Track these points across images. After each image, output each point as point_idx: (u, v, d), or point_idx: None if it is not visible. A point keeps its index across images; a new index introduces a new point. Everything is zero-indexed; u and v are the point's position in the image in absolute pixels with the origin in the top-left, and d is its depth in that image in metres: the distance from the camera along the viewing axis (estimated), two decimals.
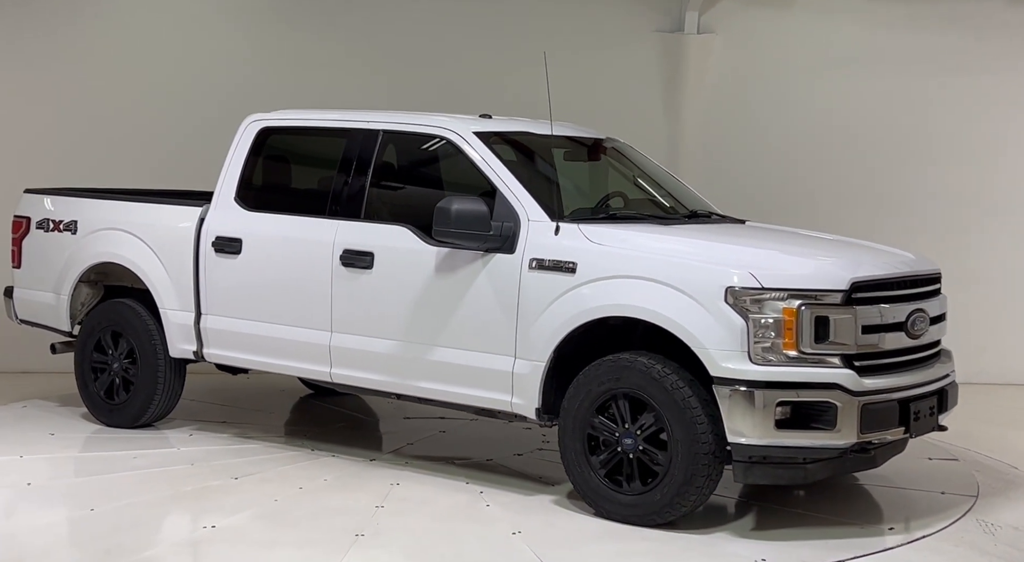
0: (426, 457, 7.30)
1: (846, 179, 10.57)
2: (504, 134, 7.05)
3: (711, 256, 5.99)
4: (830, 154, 10.59)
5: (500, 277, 6.38)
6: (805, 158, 10.60)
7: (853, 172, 10.58)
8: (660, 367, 5.90)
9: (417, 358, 6.66)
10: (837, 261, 6.09)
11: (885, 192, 10.52)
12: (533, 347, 6.26)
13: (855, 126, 10.56)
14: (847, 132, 10.58)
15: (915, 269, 6.34)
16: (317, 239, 6.99)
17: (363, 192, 6.97)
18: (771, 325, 5.67)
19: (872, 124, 10.54)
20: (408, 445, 7.63)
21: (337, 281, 6.90)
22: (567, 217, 6.42)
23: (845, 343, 5.72)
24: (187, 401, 8.41)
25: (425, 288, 6.62)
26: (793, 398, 5.65)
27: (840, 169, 10.59)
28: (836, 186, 10.56)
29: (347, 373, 6.95)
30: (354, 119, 7.21)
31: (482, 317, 6.43)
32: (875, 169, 10.55)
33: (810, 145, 10.59)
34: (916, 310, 6.05)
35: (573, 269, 6.17)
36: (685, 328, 5.81)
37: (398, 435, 7.98)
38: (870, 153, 10.56)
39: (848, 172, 10.59)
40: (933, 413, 6.12)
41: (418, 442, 7.71)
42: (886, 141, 10.53)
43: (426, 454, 7.39)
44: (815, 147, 10.59)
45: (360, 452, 7.27)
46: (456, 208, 6.29)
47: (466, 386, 6.52)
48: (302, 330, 7.05)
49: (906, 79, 10.49)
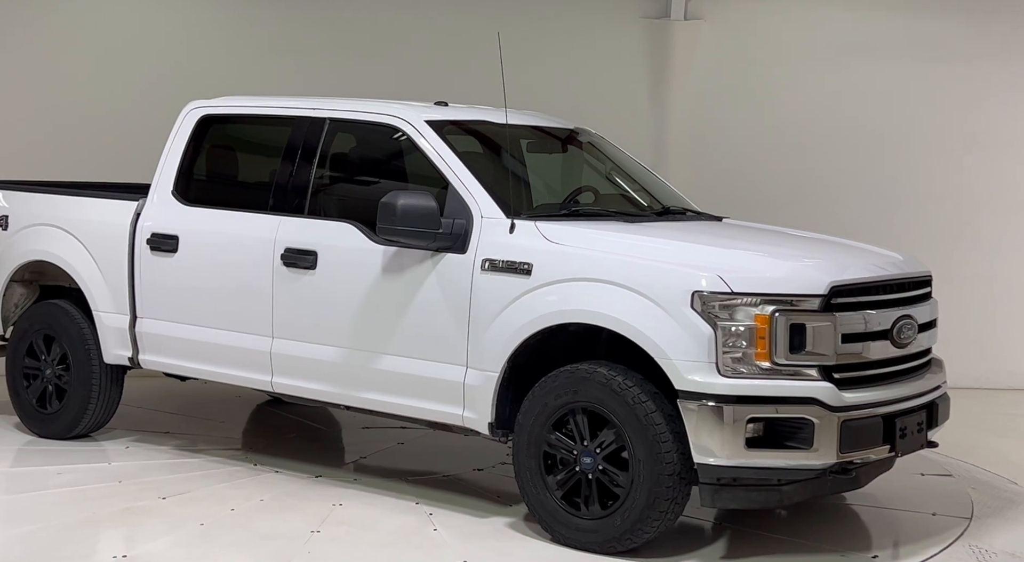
0: (378, 473, 6.77)
1: (840, 174, 10.11)
2: (461, 123, 6.53)
3: (678, 257, 5.45)
4: (823, 147, 10.13)
5: (451, 279, 5.86)
6: (797, 151, 10.12)
7: (848, 166, 10.11)
8: (621, 379, 5.37)
9: (362, 367, 6.14)
10: (815, 263, 5.56)
11: (882, 187, 10.06)
12: (486, 356, 5.74)
13: (850, 118, 10.09)
14: (842, 124, 10.11)
15: (902, 271, 5.80)
16: (257, 236, 6.47)
17: (307, 185, 6.45)
18: (742, 334, 5.15)
19: (868, 115, 10.07)
20: (360, 459, 7.11)
21: (278, 282, 6.38)
22: (524, 214, 5.89)
23: (823, 353, 5.20)
24: (133, 408, 7.94)
25: (371, 290, 6.10)
26: (766, 414, 5.13)
27: (834, 163, 10.12)
28: (830, 181, 10.11)
29: (289, 382, 6.43)
30: (299, 106, 6.68)
31: (431, 323, 5.91)
32: (871, 163, 10.09)
33: (802, 138, 10.12)
34: (903, 316, 5.51)
35: (528, 271, 5.65)
36: (647, 336, 5.28)
37: (352, 448, 7.46)
38: (866, 146, 10.09)
39: (843, 166, 10.12)
40: (922, 429, 5.59)
41: (372, 456, 7.19)
42: (883, 133, 10.05)
43: (379, 469, 6.87)
44: (807, 140, 10.12)
45: (307, 467, 6.74)
46: (402, 203, 5.76)
47: (414, 398, 6.00)
48: (241, 335, 6.53)
49: (905, 68, 10.01)
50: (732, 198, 9.56)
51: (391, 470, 6.84)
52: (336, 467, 6.83)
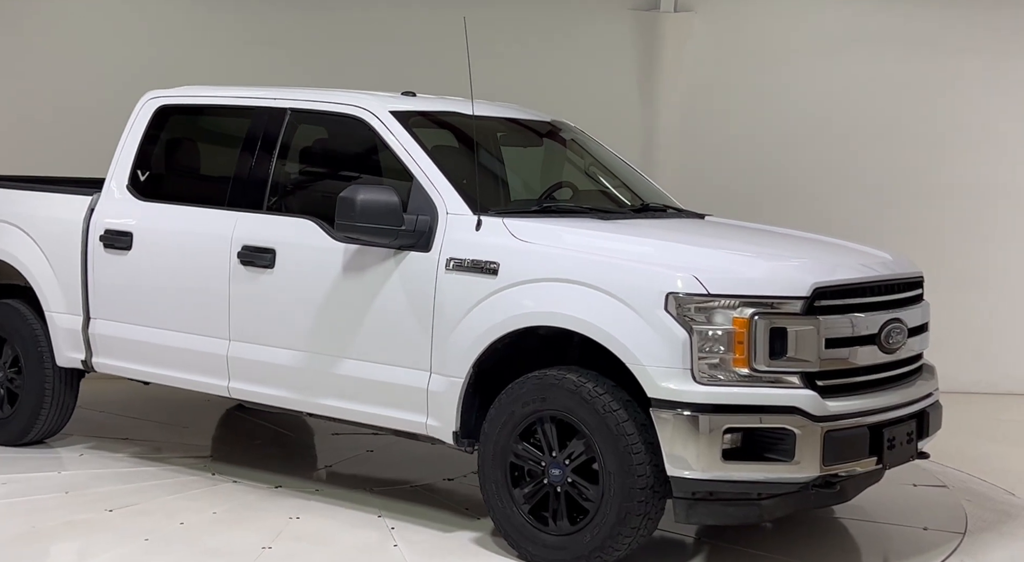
0: (342, 483, 6.45)
1: (836, 171, 9.79)
2: (429, 114, 6.21)
3: (652, 256, 5.12)
4: (819, 144, 9.81)
5: (414, 279, 5.53)
6: (791, 148, 9.81)
7: (844, 163, 9.79)
8: (591, 386, 5.03)
9: (322, 372, 5.81)
10: (798, 263, 5.22)
11: (880, 186, 9.73)
12: (450, 361, 5.41)
13: (847, 114, 9.77)
14: (838, 120, 9.78)
15: (892, 272, 5.46)
16: (214, 233, 6.14)
17: (266, 180, 6.12)
18: (719, 338, 4.82)
19: (863, 111, 9.74)
20: (325, 468, 6.78)
21: (235, 282, 6.05)
22: (492, 210, 5.56)
23: (806, 359, 4.86)
24: (94, 412, 7.64)
25: (331, 291, 5.77)
26: (744, 424, 4.80)
27: (830, 160, 9.80)
28: (825, 179, 9.79)
29: (246, 388, 6.10)
30: (259, 96, 6.35)
31: (394, 325, 5.58)
32: (865, 160, 9.76)
33: (797, 134, 9.80)
34: (892, 320, 5.18)
35: (495, 270, 5.31)
36: (618, 340, 4.95)
37: (319, 455, 7.15)
38: (860, 142, 9.75)
39: (839, 163, 9.79)
40: (912, 440, 5.26)
41: (339, 464, 6.86)
42: (878, 129, 9.72)
43: (344, 479, 6.54)
44: (803, 136, 9.80)
45: (268, 477, 6.40)
46: (362, 198, 5.43)
47: (376, 405, 5.67)
48: (197, 338, 6.20)
49: (901, 62, 9.68)
50: (722, 195, 9.31)
51: (357, 479, 6.51)
52: (299, 476, 6.49)
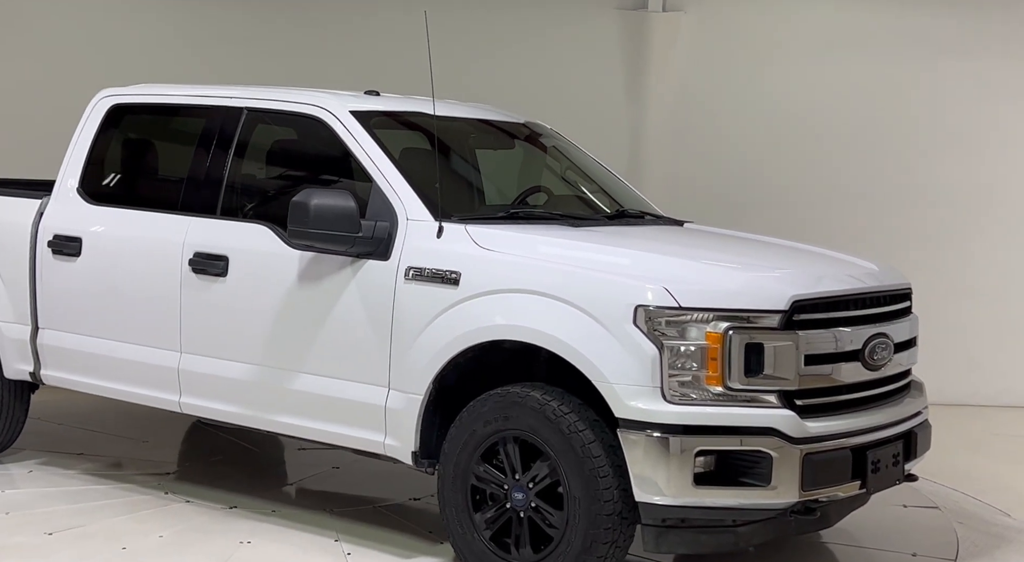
0: (302, 502, 6.13)
1: (827, 175, 9.49)
2: (393, 115, 5.90)
3: (621, 266, 4.81)
4: (809, 147, 9.51)
5: (372, 289, 5.22)
6: (781, 152, 9.51)
7: (835, 167, 9.49)
8: (556, 404, 4.71)
9: (275, 387, 5.49)
10: (777, 274, 4.91)
11: (871, 190, 9.44)
12: (409, 376, 5.09)
13: (839, 116, 9.47)
14: (829, 123, 9.49)
15: (879, 283, 5.14)
16: (165, 239, 5.83)
17: (221, 183, 5.82)
18: (691, 354, 4.50)
19: (860, 115, 9.45)
20: (286, 486, 6.46)
21: (187, 291, 5.74)
22: (455, 216, 5.24)
23: (784, 377, 4.55)
24: (51, 425, 7.34)
25: (286, 301, 5.45)
26: (717, 446, 4.48)
27: (820, 164, 9.50)
28: (815, 183, 9.49)
29: (198, 403, 5.78)
30: (214, 95, 6.05)
31: (351, 338, 5.27)
32: (863, 165, 9.47)
33: (787, 137, 9.50)
34: (877, 335, 4.86)
35: (456, 280, 5.00)
36: (583, 356, 4.63)
37: (280, 473, 6.81)
38: (853, 146, 9.47)
39: (829, 167, 9.49)
40: (898, 462, 4.94)
41: (300, 482, 6.55)
42: (876, 134, 9.44)
43: (304, 498, 6.22)
44: (793, 139, 9.50)
45: (223, 496, 6.08)
46: (316, 203, 5.11)
47: (332, 422, 5.35)
48: (147, 350, 5.89)
49: (899, 64, 9.39)
50: (710, 199, 9.16)
51: (319, 498, 6.20)
52: (257, 496, 6.15)
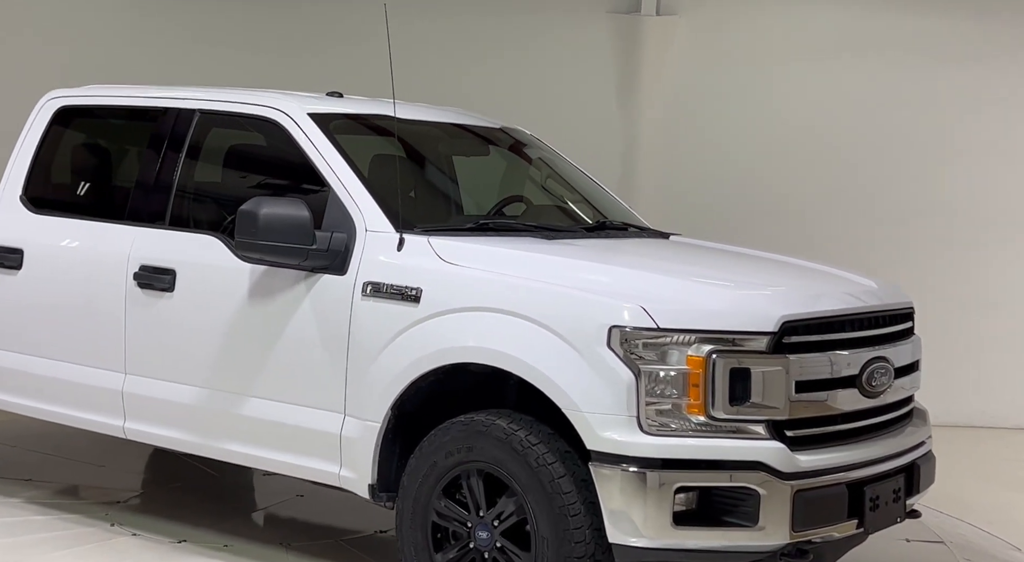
0: (258, 535, 5.72)
1: (829, 186, 9.22)
2: (356, 118, 5.50)
3: (596, 283, 4.38)
4: (808, 156, 9.23)
5: (327, 306, 4.80)
6: (779, 161, 9.24)
7: (837, 178, 9.22)
8: (524, 434, 4.29)
9: (224, 412, 5.08)
10: (767, 292, 4.49)
11: (873, 201, 9.15)
12: (366, 402, 4.68)
13: (841, 124, 9.21)
14: (831, 131, 9.21)
15: (878, 302, 4.70)
16: (110, 251, 5.43)
17: (170, 190, 5.42)
18: (671, 380, 4.09)
19: (860, 122, 9.18)
20: (245, 517, 6.03)
21: (132, 307, 5.33)
22: (418, 227, 4.83)
23: (773, 405, 4.13)
24: (3, 447, 6.87)
25: (236, 318, 5.05)
26: (699, 482, 4.07)
27: (822, 174, 9.23)
28: (814, 193, 9.22)
29: (144, 428, 5.37)
30: (165, 96, 5.65)
31: (304, 360, 4.86)
32: (864, 174, 9.20)
33: (785, 146, 9.24)
34: (876, 358, 4.43)
35: (416, 297, 4.59)
36: (552, 381, 4.21)
37: (241, 501, 6.38)
38: (858, 156, 9.20)
39: (831, 178, 9.23)
40: (899, 498, 4.51)
41: (260, 511, 6.13)
42: (877, 142, 9.16)
43: (261, 531, 5.80)
44: (791, 148, 9.23)
45: (175, 528, 5.64)
46: (266, 212, 4.70)
47: (284, 451, 4.94)
48: (91, 370, 5.48)
49: (900, 70, 9.13)
50: (704, 209, 8.95)
51: (278, 530, 5.79)
52: (211, 527, 5.71)
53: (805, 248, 8.18)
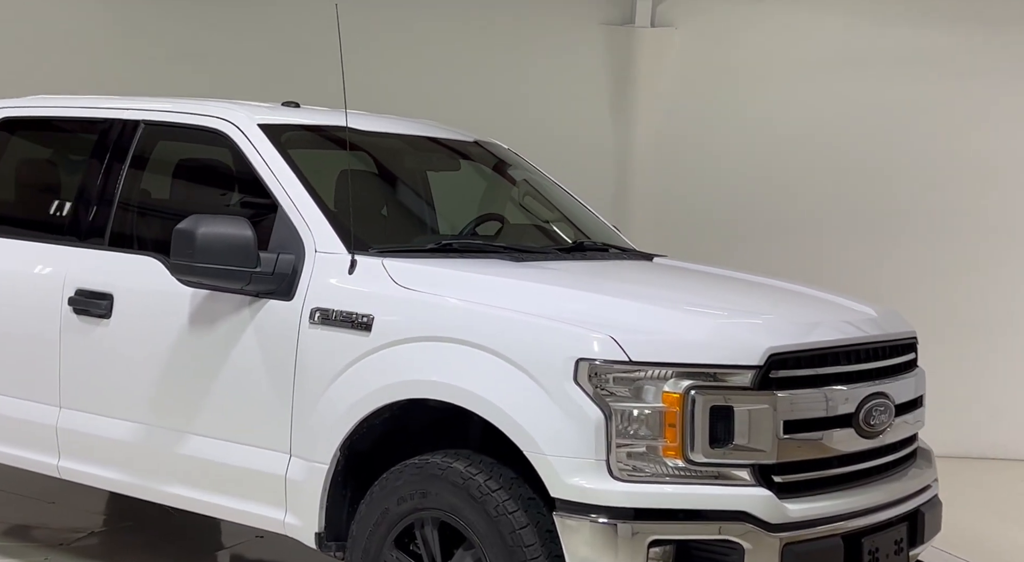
0: None
1: (829, 203, 8.94)
2: (312, 129, 5.10)
3: (564, 311, 3.95)
4: (808, 173, 8.96)
5: (272, 334, 4.39)
6: (778, 177, 8.97)
7: (838, 195, 8.94)
8: (483, 479, 3.86)
9: (163, 450, 4.66)
10: (752, 321, 4.06)
11: (879, 220, 8.85)
12: (314, 440, 4.26)
13: (841, 140, 8.93)
14: (831, 147, 8.93)
15: (877, 332, 4.27)
16: (45, 274, 5.02)
17: (111, 207, 5.01)
18: (644, 419, 3.67)
19: (862, 137, 8.91)
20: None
21: (67, 335, 4.91)
22: (373, 248, 4.41)
23: (759, 447, 3.71)
24: None
25: (175, 348, 4.63)
26: (676, 535, 3.64)
27: (822, 191, 8.96)
28: (814, 211, 8.94)
29: (79, 468, 4.95)
30: (109, 106, 5.26)
31: (248, 394, 4.44)
32: (866, 191, 8.90)
33: (786, 162, 8.97)
34: (874, 394, 4.00)
35: (368, 325, 4.17)
36: (513, 420, 3.79)
37: (195, 543, 5.93)
38: (860, 172, 8.92)
39: (832, 195, 8.95)
40: (901, 549, 4.07)
41: (213, 556, 5.68)
42: (881, 159, 8.88)
43: None
44: (792, 165, 8.97)
45: None
46: (203, 232, 4.29)
47: (224, 495, 4.52)
48: (22, 403, 5.06)
49: (905, 83, 8.84)
50: (700, 228, 8.80)
51: None
52: None
53: (805, 268, 7.89)
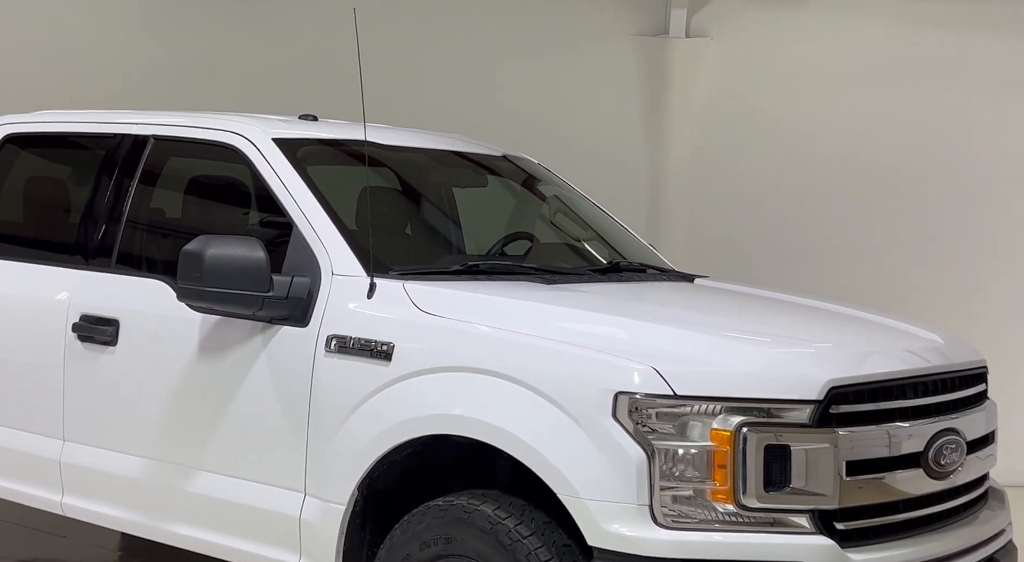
0: None
1: (872, 219, 8.76)
2: (330, 143, 4.82)
3: (601, 339, 3.64)
4: (853, 190, 8.80)
5: (285, 363, 4.10)
6: (821, 194, 8.82)
7: (882, 210, 8.77)
8: (513, 524, 3.54)
9: (170, 487, 4.38)
10: (810, 350, 3.75)
11: (928, 239, 8.66)
12: (330, 479, 3.96)
13: (885, 154, 8.76)
14: (877, 161, 8.77)
15: (945, 361, 3.92)
16: (48, 298, 4.76)
17: (118, 227, 4.75)
18: (691, 460, 3.35)
19: (907, 151, 8.73)
20: None
21: (71, 363, 4.65)
22: (394, 270, 4.11)
23: (819, 491, 3.39)
24: None
25: (184, 378, 4.34)
26: None
27: (864, 210, 8.79)
28: (858, 231, 8.78)
29: (83, 505, 4.67)
30: (118, 121, 5.01)
31: (260, 428, 4.15)
32: (911, 206, 8.73)
33: (827, 178, 8.81)
34: (944, 431, 3.66)
35: (388, 354, 3.86)
36: (546, 460, 3.47)
37: None
38: (904, 186, 8.75)
39: (875, 210, 8.77)
40: None
41: None
42: (926, 172, 8.70)
43: None
44: (834, 180, 8.82)
45: None
46: (212, 254, 4.01)
47: (235, 536, 4.22)
48: (24, 436, 4.81)
49: (949, 94, 8.67)
50: (738, 248, 8.66)
51: None
52: None
53: (849, 292, 7.58)
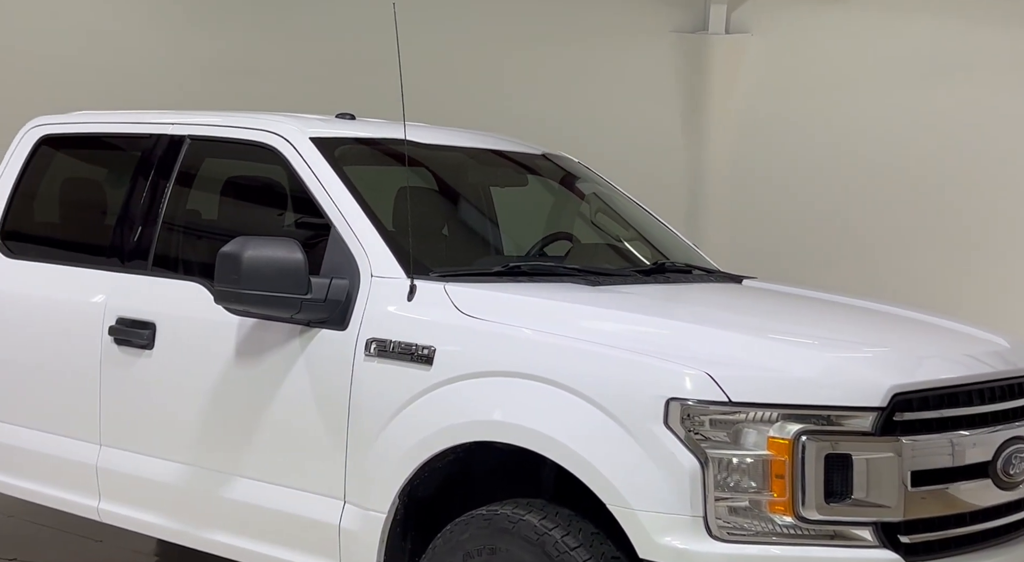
0: None
1: (917, 219, 8.73)
2: (368, 143, 4.72)
3: (650, 343, 3.52)
4: (899, 188, 8.77)
5: (324, 368, 4.00)
6: (865, 193, 8.83)
7: (928, 210, 8.72)
8: (560, 535, 3.42)
9: (207, 494, 4.29)
10: (870, 354, 3.61)
11: (972, 237, 8.59)
12: (370, 486, 3.86)
13: (932, 152, 8.71)
14: (922, 160, 8.73)
15: (1010, 367, 3.77)
16: (85, 300, 4.68)
17: (154, 229, 4.67)
18: (747, 469, 3.22)
19: (954, 149, 8.68)
20: None
21: (108, 367, 4.57)
22: (435, 272, 4.00)
23: (882, 503, 3.26)
24: None
25: (221, 382, 4.26)
26: None
27: (910, 208, 8.74)
28: (904, 230, 8.76)
29: (121, 511, 4.60)
30: (153, 121, 4.93)
31: (298, 433, 4.06)
32: (958, 206, 8.66)
33: (871, 176, 8.80)
34: (1013, 439, 3.52)
35: (429, 358, 3.75)
36: (594, 468, 3.35)
37: None
38: (952, 187, 8.68)
39: (921, 210, 8.72)
40: None
41: None
42: (974, 171, 8.65)
43: None
44: (878, 179, 8.80)
45: None
46: (250, 255, 3.91)
47: (274, 544, 4.13)
48: (61, 440, 4.74)
49: (997, 91, 8.60)
50: (781, 248, 8.65)
51: None
52: None
53: (899, 295, 7.43)
